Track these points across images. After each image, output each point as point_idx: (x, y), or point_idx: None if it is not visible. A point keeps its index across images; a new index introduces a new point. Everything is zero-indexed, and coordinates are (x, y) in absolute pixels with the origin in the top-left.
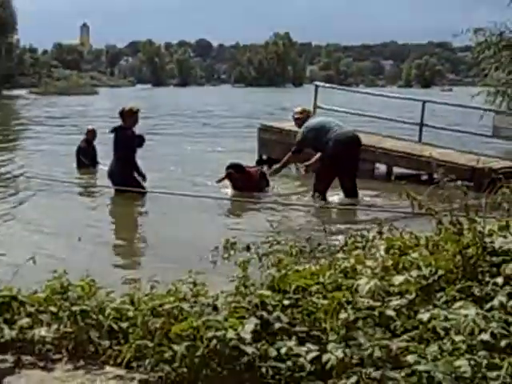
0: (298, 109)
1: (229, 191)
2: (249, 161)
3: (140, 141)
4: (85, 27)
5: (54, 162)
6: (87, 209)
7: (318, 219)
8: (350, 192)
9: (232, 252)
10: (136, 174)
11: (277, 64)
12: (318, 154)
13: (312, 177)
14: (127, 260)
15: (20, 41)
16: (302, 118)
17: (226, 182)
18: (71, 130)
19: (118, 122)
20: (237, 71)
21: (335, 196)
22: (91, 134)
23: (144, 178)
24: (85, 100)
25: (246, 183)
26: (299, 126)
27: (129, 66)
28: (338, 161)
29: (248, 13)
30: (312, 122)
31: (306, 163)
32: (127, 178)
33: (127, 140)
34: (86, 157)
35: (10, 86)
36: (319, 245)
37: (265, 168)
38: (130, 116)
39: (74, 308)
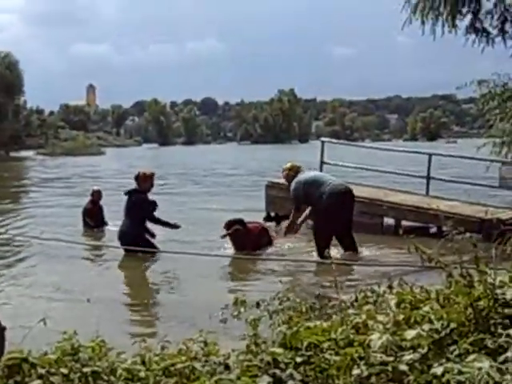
0: (288, 165)
1: (230, 251)
2: (257, 218)
3: (153, 206)
4: (91, 88)
5: (62, 224)
6: (96, 270)
7: (327, 275)
8: (349, 247)
9: (242, 310)
10: (147, 235)
11: (282, 120)
12: (291, 216)
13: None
14: (137, 320)
15: (27, 102)
16: (291, 174)
17: (227, 241)
18: (78, 191)
19: (124, 182)
20: (242, 129)
21: (335, 251)
22: (97, 195)
23: (153, 235)
24: (92, 160)
25: (246, 239)
26: (289, 182)
27: (135, 125)
28: (334, 214)
29: (252, 69)
30: (303, 176)
31: (288, 225)
32: (139, 239)
33: (143, 203)
34: (92, 218)
35: (17, 147)
36: (329, 301)
37: (268, 224)
38: (145, 180)
39: (85, 369)
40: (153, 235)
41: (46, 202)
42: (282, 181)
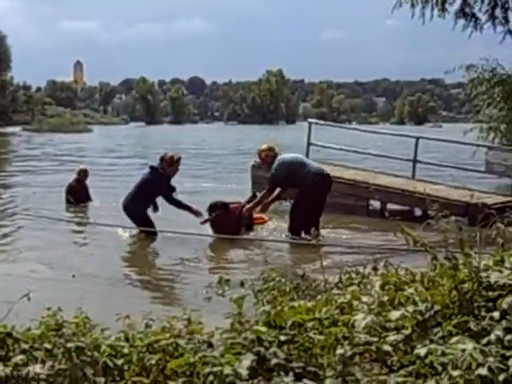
0: (264, 146)
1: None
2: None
3: (171, 190)
4: (78, 64)
5: (49, 200)
6: (81, 246)
7: (312, 256)
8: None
9: (226, 288)
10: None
11: (270, 101)
12: (261, 195)
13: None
14: (121, 297)
15: (14, 78)
16: (270, 155)
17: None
18: (64, 168)
19: (110, 161)
20: (230, 109)
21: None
22: (83, 174)
23: (156, 208)
24: (78, 138)
25: (226, 223)
26: (268, 164)
27: (122, 103)
28: (317, 194)
29: (241, 50)
30: (285, 157)
31: (248, 206)
32: (141, 216)
33: (161, 188)
34: (75, 196)
35: (3, 123)
36: (314, 281)
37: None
38: (170, 164)
39: (69, 345)
40: (156, 207)
41: (34, 178)
42: None
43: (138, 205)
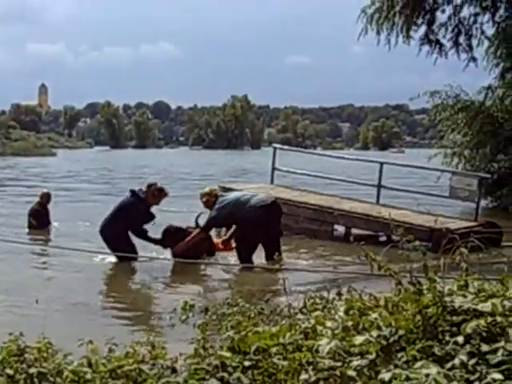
0: (206, 189)
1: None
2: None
3: (150, 218)
4: (43, 88)
5: (10, 224)
6: (42, 269)
7: (275, 281)
8: (272, 254)
9: (190, 314)
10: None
11: (235, 126)
12: (196, 234)
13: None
14: (84, 322)
15: None
16: (211, 199)
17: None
18: (28, 191)
19: (73, 186)
20: (195, 133)
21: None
22: (46, 198)
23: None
24: (43, 162)
25: (185, 248)
26: (210, 207)
27: (87, 127)
28: (262, 226)
29: (206, 74)
30: (225, 198)
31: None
32: (115, 240)
33: (139, 214)
34: (37, 219)
35: None
36: (278, 306)
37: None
38: (156, 196)
39: (31, 370)
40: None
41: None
42: (234, 186)
43: (114, 229)
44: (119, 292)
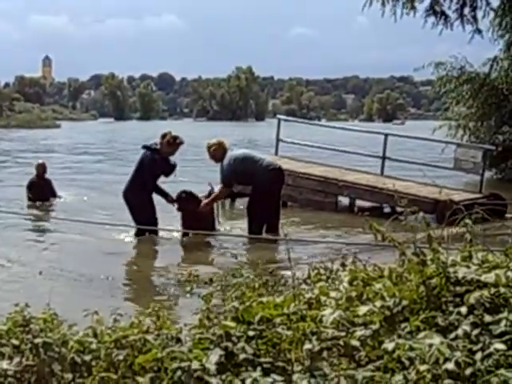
0: (214, 140)
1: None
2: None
3: (170, 169)
4: (47, 60)
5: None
6: (48, 242)
7: (280, 252)
8: (274, 227)
9: (195, 285)
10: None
11: (239, 98)
12: (217, 189)
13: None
14: (89, 294)
15: None
16: (219, 150)
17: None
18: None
19: (78, 158)
20: (199, 105)
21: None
22: (41, 169)
23: (167, 196)
24: (47, 133)
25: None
26: (218, 160)
27: (91, 99)
28: (272, 189)
29: (210, 46)
30: (235, 153)
31: (205, 201)
32: (137, 204)
33: (153, 164)
34: (35, 192)
35: None
36: (282, 277)
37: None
38: (170, 144)
39: (37, 341)
40: (167, 195)
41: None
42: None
43: (135, 191)
44: (125, 264)
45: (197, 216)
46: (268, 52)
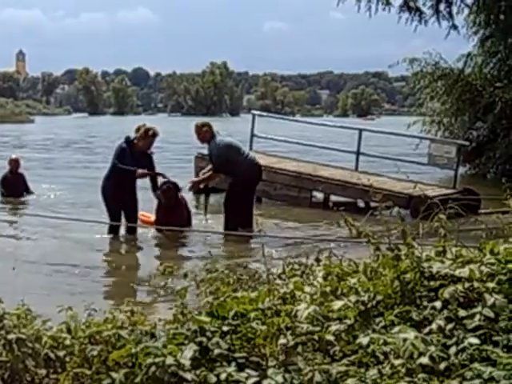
0: (200, 122)
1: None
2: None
3: (143, 161)
4: (20, 54)
5: None
6: (21, 236)
7: (254, 247)
8: (248, 223)
9: (169, 280)
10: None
11: (214, 93)
12: (207, 169)
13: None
14: (63, 289)
15: None
16: (210, 132)
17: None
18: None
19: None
20: (173, 100)
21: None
22: (14, 164)
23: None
24: (21, 128)
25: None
26: (205, 141)
27: (65, 94)
28: (251, 183)
29: (185, 41)
30: (224, 139)
31: (195, 179)
32: (104, 192)
33: (120, 154)
34: (8, 187)
35: None
36: (256, 272)
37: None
38: (143, 137)
39: (10, 336)
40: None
41: None
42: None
43: (108, 182)
44: (99, 258)
45: (173, 210)
46: (242, 47)
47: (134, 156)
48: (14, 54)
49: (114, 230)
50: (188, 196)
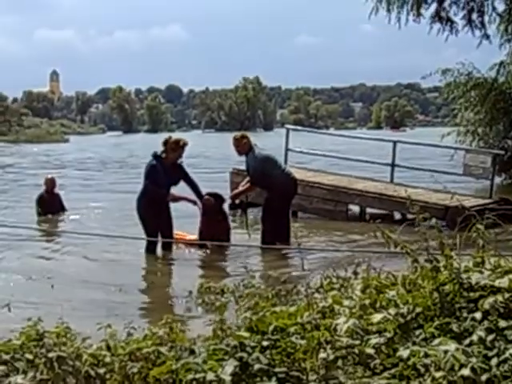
0: (239, 134)
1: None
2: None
3: (175, 176)
4: (54, 74)
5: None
6: (58, 255)
7: (292, 261)
8: (285, 236)
9: (206, 297)
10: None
11: (247, 108)
12: (245, 182)
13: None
14: (102, 307)
15: None
16: (248, 144)
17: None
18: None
19: (85, 174)
20: (207, 116)
21: None
22: (50, 183)
23: (195, 203)
24: (56, 148)
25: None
26: (243, 153)
27: (99, 113)
28: (288, 196)
29: (217, 57)
30: (261, 152)
31: (236, 191)
32: (140, 211)
33: (152, 172)
34: (44, 206)
35: None
36: (295, 287)
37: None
38: (174, 149)
39: (51, 354)
40: (195, 202)
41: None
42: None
43: (139, 202)
44: (136, 276)
45: (218, 222)
46: (275, 61)
47: (166, 171)
48: (47, 74)
49: (151, 247)
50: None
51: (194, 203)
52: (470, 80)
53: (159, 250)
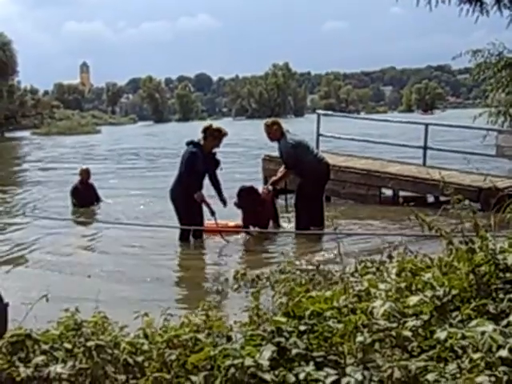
0: (271, 120)
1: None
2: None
3: (212, 163)
4: (84, 66)
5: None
6: (94, 246)
7: (327, 246)
8: (320, 221)
9: (242, 283)
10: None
11: (277, 95)
12: (282, 168)
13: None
14: (138, 295)
15: (21, 82)
16: (280, 130)
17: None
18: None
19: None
20: (237, 104)
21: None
22: (85, 174)
23: (225, 203)
24: (89, 139)
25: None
26: (275, 139)
27: (130, 103)
28: (321, 181)
29: (246, 45)
30: (293, 138)
31: (274, 178)
32: (178, 202)
33: (188, 158)
34: (79, 197)
35: (12, 127)
36: (329, 271)
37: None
38: (216, 137)
39: (89, 343)
40: (224, 202)
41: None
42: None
43: (176, 190)
44: (171, 263)
45: (258, 213)
46: (304, 47)
47: (204, 158)
48: (77, 67)
49: (184, 235)
50: None
51: (212, 213)
52: (501, 60)
53: (191, 238)
